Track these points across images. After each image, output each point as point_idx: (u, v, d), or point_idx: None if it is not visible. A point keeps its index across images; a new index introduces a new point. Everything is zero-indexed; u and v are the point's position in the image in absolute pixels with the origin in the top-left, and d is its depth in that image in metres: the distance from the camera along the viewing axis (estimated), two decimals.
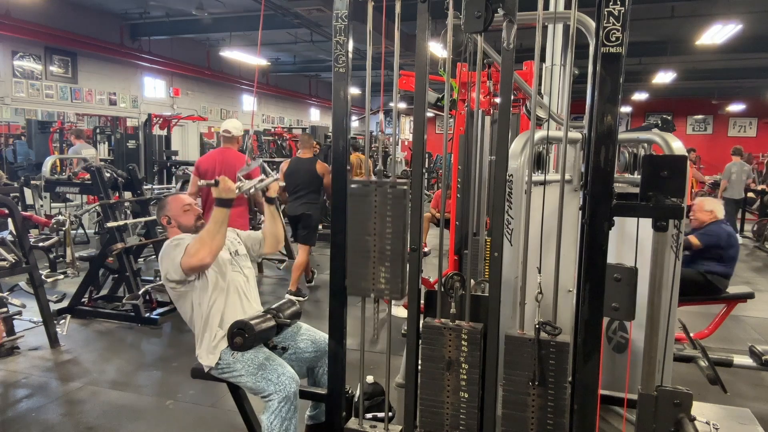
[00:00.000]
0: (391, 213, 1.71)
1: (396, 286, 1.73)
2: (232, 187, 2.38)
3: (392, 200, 1.71)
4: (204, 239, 2.29)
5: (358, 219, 1.75)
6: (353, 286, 1.79)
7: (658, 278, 1.92)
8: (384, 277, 1.73)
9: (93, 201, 7.73)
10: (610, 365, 2.63)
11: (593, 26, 1.61)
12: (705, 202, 4.60)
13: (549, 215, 1.77)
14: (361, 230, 1.75)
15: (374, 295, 1.76)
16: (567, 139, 1.67)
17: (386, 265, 1.72)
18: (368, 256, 1.74)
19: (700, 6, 9.73)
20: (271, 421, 2.18)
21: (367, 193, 1.73)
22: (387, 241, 1.72)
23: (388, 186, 1.71)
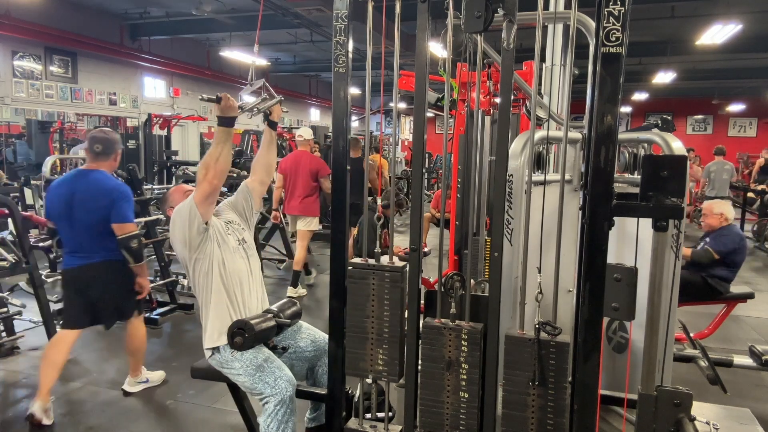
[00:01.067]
0: (389, 296, 1.74)
1: (393, 369, 1.77)
2: (233, 105, 2.32)
3: (389, 284, 1.74)
4: (208, 163, 2.25)
5: (356, 301, 1.79)
6: (351, 366, 1.82)
7: (658, 278, 1.92)
8: (382, 359, 1.77)
9: None
10: (610, 365, 2.63)
11: (593, 26, 1.61)
12: (714, 206, 4.49)
13: (549, 215, 1.77)
14: (359, 312, 1.78)
15: (372, 377, 1.80)
16: (567, 139, 1.67)
17: (384, 347, 1.76)
18: (366, 337, 1.77)
19: (700, 6, 9.73)
20: (268, 424, 2.18)
21: (365, 276, 1.76)
22: (385, 324, 1.75)
23: (386, 270, 1.74)
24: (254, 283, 2.51)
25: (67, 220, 3.16)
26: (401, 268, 1.74)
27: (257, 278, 2.55)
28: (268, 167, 2.71)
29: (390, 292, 1.74)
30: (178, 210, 2.35)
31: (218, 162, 2.26)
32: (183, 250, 2.36)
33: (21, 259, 4.08)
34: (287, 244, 7.44)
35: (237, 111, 2.36)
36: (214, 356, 2.35)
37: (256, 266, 2.57)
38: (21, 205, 7.88)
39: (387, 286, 1.74)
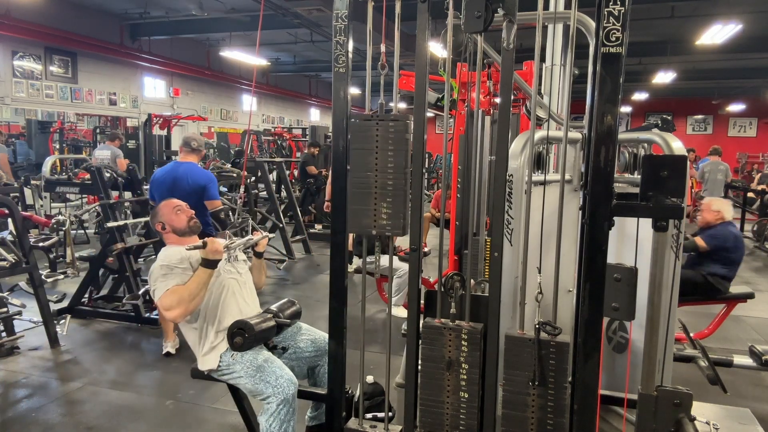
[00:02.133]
0: (393, 148, 1.69)
1: (398, 222, 1.71)
2: (219, 248, 2.36)
3: (394, 134, 1.68)
4: (183, 298, 2.28)
5: (359, 155, 1.72)
6: (354, 224, 1.76)
7: (658, 278, 1.92)
8: (386, 213, 1.71)
9: (93, 201, 7.74)
10: (610, 365, 2.63)
11: (593, 26, 1.61)
12: (712, 203, 4.52)
13: (549, 215, 1.77)
14: (362, 166, 1.72)
15: (376, 232, 1.73)
16: (567, 139, 1.67)
17: (388, 200, 1.71)
18: (369, 192, 1.72)
19: (700, 6, 9.73)
20: (270, 424, 2.18)
21: (369, 128, 1.70)
22: (389, 177, 1.70)
23: (390, 120, 1.68)
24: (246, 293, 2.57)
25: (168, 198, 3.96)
26: (405, 118, 1.69)
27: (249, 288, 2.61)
28: (258, 286, 2.77)
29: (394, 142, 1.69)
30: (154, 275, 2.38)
31: (193, 301, 2.30)
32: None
33: (21, 259, 4.08)
34: (287, 244, 7.45)
35: (222, 254, 2.40)
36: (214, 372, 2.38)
37: (247, 276, 2.63)
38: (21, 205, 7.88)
39: (391, 136, 1.69)
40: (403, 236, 1.74)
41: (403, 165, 1.69)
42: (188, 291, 2.28)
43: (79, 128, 11.85)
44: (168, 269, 2.36)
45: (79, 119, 12.18)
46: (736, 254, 4.27)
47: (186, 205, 2.71)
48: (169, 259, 2.40)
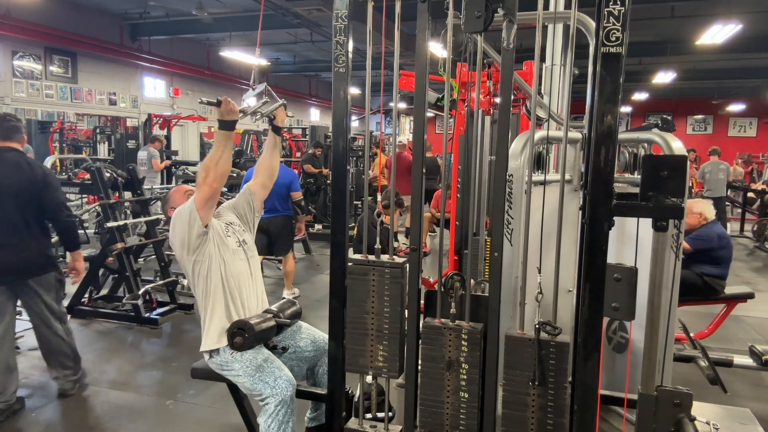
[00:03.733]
0: (389, 292, 1.74)
1: (394, 365, 1.76)
2: (234, 108, 2.30)
3: (390, 280, 1.73)
4: (208, 166, 2.25)
5: (356, 297, 1.78)
6: (351, 363, 1.81)
7: (658, 278, 1.92)
8: (382, 356, 1.76)
9: (93, 201, 7.74)
10: (610, 365, 2.63)
11: (593, 26, 1.61)
12: (694, 205, 4.53)
13: (549, 215, 1.77)
14: (359, 308, 1.78)
15: (372, 373, 1.80)
16: (567, 139, 1.67)
17: (384, 343, 1.75)
18: (366, 334, 1.77)
19: (700, 6, 9.73)
20: (269, 425, 2.17)
21: (366, 272, 1.75)
22: (385, 320, 1.75)
23: (386, 266, 1.73)
24: (254, 285, 2.51)
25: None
26: (401, 264, 1.73)
27: (257, 279, 2.54)
28: (271, 171, 2.69)
29: (390, 288, 1.73)
30: (178, 213, 2.35)
31: (218, 165, 2.25)
32: (182, 252, 2.35)
33: None
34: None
35: (238, 114, 2.34)
36: (213, 359, 2.35)
37: (256, 267, 2.57)
38: None
39: (387, 282, 1.73)
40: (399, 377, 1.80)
41: (398, 309, 1.73)
42: (210, 158, 2.27)
43: (79, 128, 11.84)
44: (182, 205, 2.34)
45: (79, 119, 12.17)
46: (724, 252, 4.27)
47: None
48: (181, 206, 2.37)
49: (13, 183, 3.13)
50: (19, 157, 3.26)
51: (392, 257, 1.77)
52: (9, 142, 3.24)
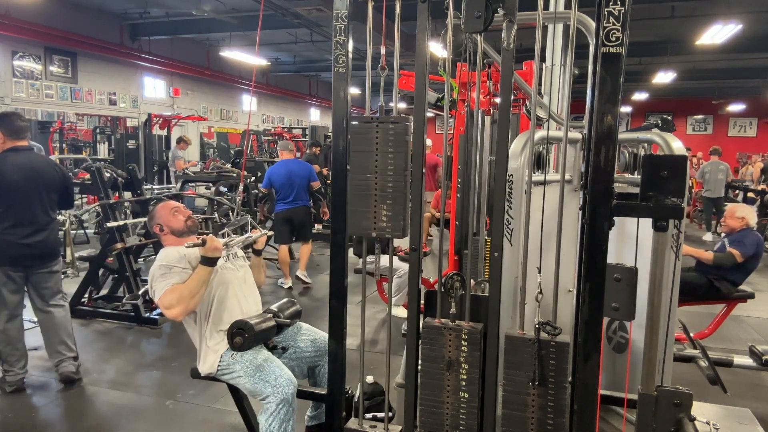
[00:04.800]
0: (393, 150, 1.69)
1: (398, 224, 1.70)
2: (218, 246, 2.36)
3: (394, 137, 1.68)
4: (183, 296, 2.28)
5: (359, 157, 1.73)
6: (354, 226, 1.76)
7: (658, 278, 1.92)
8: (386, 215, 1.71)
9: (93, 201, 7.74)
10: (610, 365, 2.63)
11: (593, 26, 1.61)
12: (737, 209, 4.46)
13: (549, 215, 1.77)
14: (362, 168, 1.72)
15: (376, 234, 1.73)
16: (567, 139, 1.67)
17: (387, 203, 1.70)
18: (369, 194, 1.72)
19: (700, 6, 9.73)
20: (270, 423, 2.18)
21: (368, 130, 1.70)
22: (389, 179, 1.70)
23: (390, 122, 1.68)
24: (248, 289, 2.56)
25: (288, 184, 6.04)
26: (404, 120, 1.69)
27: (251, 285, 2.61)
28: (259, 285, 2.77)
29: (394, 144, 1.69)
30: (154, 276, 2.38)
31: (193, 299, 2.31)
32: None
33: None
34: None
35: (221, 252, 2.40)
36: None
37: (248, 274, 2.63)
38: None
39: (391, 138, 1.69)
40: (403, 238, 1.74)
41: (402, 167, 1.69)
42: (188, 289, 2.29)
43: (79, 128, 11.84)
44: (167, 269, 2.36)
45: (79, 119, 12.17)
46: (755, 263, 4.23)
47: (183, 206, 2.72)
48: (167, 259, 2.40)
49: (44, 177, 3.52)
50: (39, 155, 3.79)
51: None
52: (23, 140, 3.50)
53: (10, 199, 3.34)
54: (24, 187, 3.38)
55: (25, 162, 3.43)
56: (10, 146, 3.39)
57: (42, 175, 3.51)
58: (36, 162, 3.55)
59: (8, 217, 3.35)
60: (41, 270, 3.55)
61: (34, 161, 3.54)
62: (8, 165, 3.33)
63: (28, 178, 3.41)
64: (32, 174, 3.43)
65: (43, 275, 3.56)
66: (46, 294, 3.60)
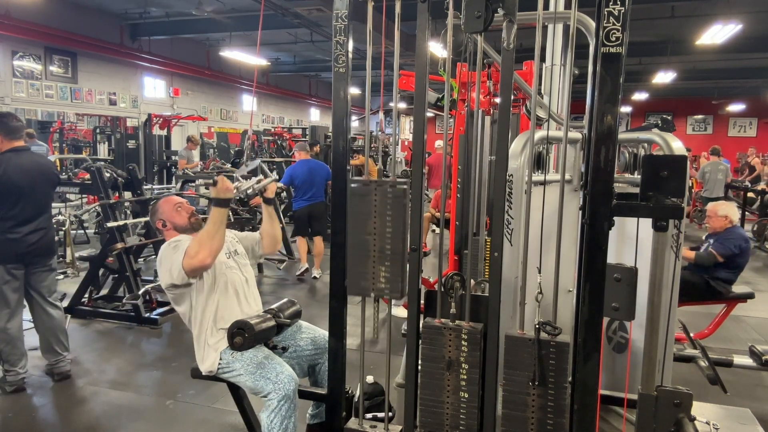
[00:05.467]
0: (391, 212, 1.70)
1: (396, 286, 1.72)
2: (230, 186, 2.37)
3: (392, 200, 1.70)
4: (203, 240, 2.28)
5: (358, 218, 1.74)
6: (353, 286, 1.78)
7: (658, 278, 1.92)
8: (384, 277, 1.73)
9: (93, 201, 7.74)
10: (610, 365, 2.63)
11: (593, 26, 1.61)
12: (718, 208, 4.45)
13: (549, 215, 1.77)
14: (361, 229, 1.74)
15: (374, 295, 1.75)
16: (567, 139, 1.67)
17: (386, 264, 1.72)
18: (368, 255, 1.73)
19: (700, 6, 9.73)
20: (272, 420, 2.18)
21: (368, 192, 1.72)
22: (387, 241, 1.71)
23: (388, 185, 1.70)
24: (249, 290, 2.56)
25: (309, 182, 6.45)
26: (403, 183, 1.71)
27: (252, 286, 2.60)
28: (274, 238, 2.76)
29: (392, 208, 1.70)
30: (165, 253, 2.38)
31: (213, 240, 2.29)
32: (168, 289, 2.42)
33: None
34: (287, 244, 7.45)
35: (233, 193, 2.41)
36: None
37: (250, 275, 2.62)
38: None
39: (389, 202, 1.70)
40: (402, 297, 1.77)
41: (401, 230, 1.71)
42: (206, 232, 2.29)
43: (79, 128, 11.84)
44: (176, 242, 2.39)
45: (79, 119, 12.17)
46: (744, 259, 4.23)
47: (186, 202, 2.71)
48: (175, 240, 2.43)
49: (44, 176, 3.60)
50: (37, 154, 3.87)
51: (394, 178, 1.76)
52: (20, 140, 3.56)
53: (14, 198, 3.40)
54: (27, 187, 3.44)
55: (26, 162, 3.49)
56: (9, 147, 3.43)
57: (42, 174, 3.59)
58: (36, 162, 3.62)
59: (13, 215, 3.40)
60: (40, 267, 3.60)
61: (34, 161, 3.61)
62: (11, 165, 3.38)
63: (30, 178, 3.46)
64: (34, 173, 3.49)
65: (41, 273, 3.62)
66: (45, 292, 3.64)
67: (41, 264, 3.60)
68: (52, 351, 3.69)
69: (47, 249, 3.62)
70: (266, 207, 2.74)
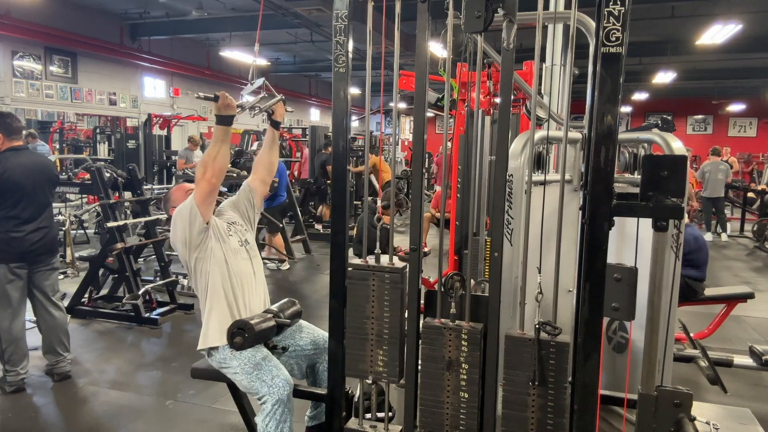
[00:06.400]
0: (389, 297, 1.73)
1: (393, 370, 1.76)
2: (232, 103, 2.30)
3: (390, 285, 1.73)
4: (206, 162, 2.26)
5: (356, 302, 1.78)
6: (351, 368, 1.82)
7: (658, 278, 1.92)
8: (382, 360, 1.76)
9: (93, 201, 7.74)
10: (610, 365, 2.63)
11: (593, 26, 1.61)
12: None
13: (549, 215, 1.77)
14: (359, 313, 1.77)
15: (372, 378, 1.80)
16: (567, 139, 1.67)
17: (384, 348, 1.75)
18: (366, 338, 1.77)
19: (700, 6, 9.73)
20: (267, 423, 2.17)
21: (365, 277, 1.75)
22: (385, 325, 1.74)
23: (386, 271, 1.73)
24: (257, 285, 2.51)
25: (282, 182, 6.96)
26: (401, 269, 1.73)
27: (260, 280, 2.55)
28: (270, 166, 2.69)
29: (390, 293, 1.73)
30: (179, 211, 2.35)
31: (216, 160, 2.26)
32: (184, 250, 2.36)
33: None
34: (287, 244, 7.45)
35: (235, 110, 2.34)
36: (212, 357, 2.35)
37: (259, 267, 2.57)
38: None
39: (387, 287, 1.73)
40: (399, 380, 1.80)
41: (398, 314, 1.73)
42: (207, 153, 2.27)
43: (79, 128, 11.84)
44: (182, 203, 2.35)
45: (79, 119, 12.17)
46: (700, 255, 4.25)
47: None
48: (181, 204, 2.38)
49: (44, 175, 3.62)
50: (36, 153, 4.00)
51: (392, 262, 1.77)
52: (19, 140, 3.58)
53: (15, 197, 3.41)
54: (28, 185, 3.46)
55: (26, 161, 3.50)
56: (9, 146, 3.45)
57: (42, 172, 3.60)
58: (35, 160, 3.64)
59: (15, 214, 3.42)
60: (43, 266, 3.61)
61: (34, 160, 3.62)
62: (11, 164, 3.39)
63: (31, 177, 3.48)
64: (34, 172, 3.51)
65: (44, 272, 3.63)
66: (49, 291, 3.65)
67: (44, 263, 3.61)
68: (54, 351, 3.69)
69: (50, 247, 3.63)
70: (271, 130, 2.64)
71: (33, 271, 3.57)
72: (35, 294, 3.63)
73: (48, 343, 3.70)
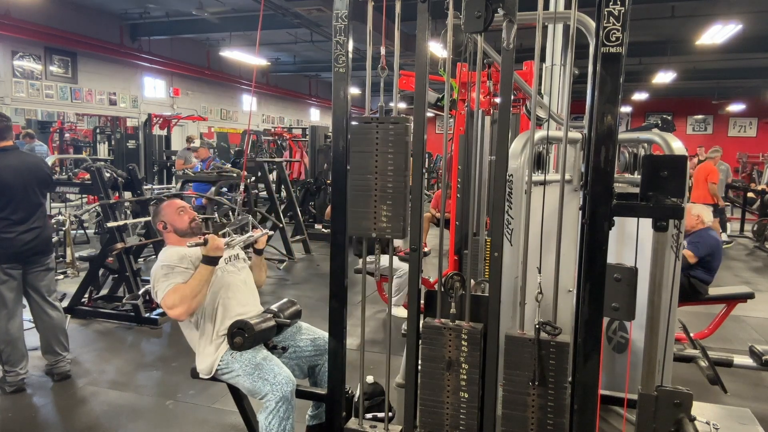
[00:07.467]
0: (393, 150, 1.69)
1: (398, 225, 1.71)
2: (220, 245, 2.37)
3: (394, 137, 1.69)
4: (185, 295, 2.29)
5: (359, 157, 1.73)
6: (354, 227, 1.76)
7: (658, 278, 1.92)
8: (386, 216, 1.71)
9: (93, 201, 7.74)
10: (610, 365, 2.63)
11: (593, 26, 1.61)
12: (692, 207, 4.53)
13: (549, 215, 1.77)
14: (362, 169, 1.72)
15: (376, 235, 1.73)
16: (567, 139, 1.67)
17: (388, 203, 1.71)
18: (369, 195, 1.72)
19: (700, 6, 9.73)
20: (270, 421, 2.18)
21: (368, 131, 1.70)
22: (389, 180, 1.70)
23: (390, 122, 1.69)
24: (248, 291, 2.56)
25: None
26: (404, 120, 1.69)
27: (251, 288, 2.61)
28: (259, 285, 2.78)
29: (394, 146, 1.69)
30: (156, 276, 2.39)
31: (195, 298, 2.31)
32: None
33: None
34: (287, 244, 7.45)
35: (223, 251, 2.41)
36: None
37: (249, 277, 2.64)
38: None
39: (391, 139, 1.69)
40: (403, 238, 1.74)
41: (402, 167, 1.69)
42: (190, 288, 2.29)
43: (79, 128, 11.84)
44: (169, 269, 2.37)
45: (79, 119, 12.17)
46: (717, 260, 4.28)
47: (189, 206, 2.72)
48: (169, 259, 2.41)
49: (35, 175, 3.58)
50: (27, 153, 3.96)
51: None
52: (9, 140, 3.55)
53: (6, 197, 3.40)
54: (18, 186, 3.44)
55: (16, 161, 3.48)
56: None
57: (33, 172, 3.57)
58: (25, 161, 3.61)
59: (5, 215, 3.40)
60: (38, 267, 3.60)
61: (24, 160, 3.60)
62: (1, 165, 3.38)
63: (21, 177, 3.46)
64: (24, 173, 3.49)
65: (39, 273, 3.62)
66: (44, 291, 3.64)
67: (38, 263, 3.60)
68: (52, 351, 3.69)
69: (43, 248, 3.62)
70: (256, 257, 2.79)
71: (27, 271, 3.56)
72: (31, 294, 3.62)
73: (46, 343, 3.69)
